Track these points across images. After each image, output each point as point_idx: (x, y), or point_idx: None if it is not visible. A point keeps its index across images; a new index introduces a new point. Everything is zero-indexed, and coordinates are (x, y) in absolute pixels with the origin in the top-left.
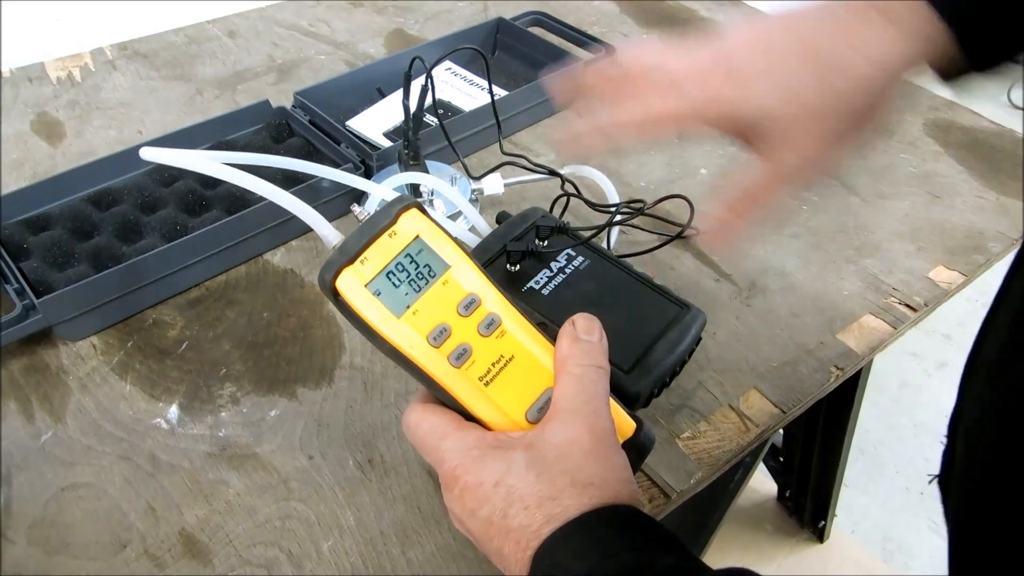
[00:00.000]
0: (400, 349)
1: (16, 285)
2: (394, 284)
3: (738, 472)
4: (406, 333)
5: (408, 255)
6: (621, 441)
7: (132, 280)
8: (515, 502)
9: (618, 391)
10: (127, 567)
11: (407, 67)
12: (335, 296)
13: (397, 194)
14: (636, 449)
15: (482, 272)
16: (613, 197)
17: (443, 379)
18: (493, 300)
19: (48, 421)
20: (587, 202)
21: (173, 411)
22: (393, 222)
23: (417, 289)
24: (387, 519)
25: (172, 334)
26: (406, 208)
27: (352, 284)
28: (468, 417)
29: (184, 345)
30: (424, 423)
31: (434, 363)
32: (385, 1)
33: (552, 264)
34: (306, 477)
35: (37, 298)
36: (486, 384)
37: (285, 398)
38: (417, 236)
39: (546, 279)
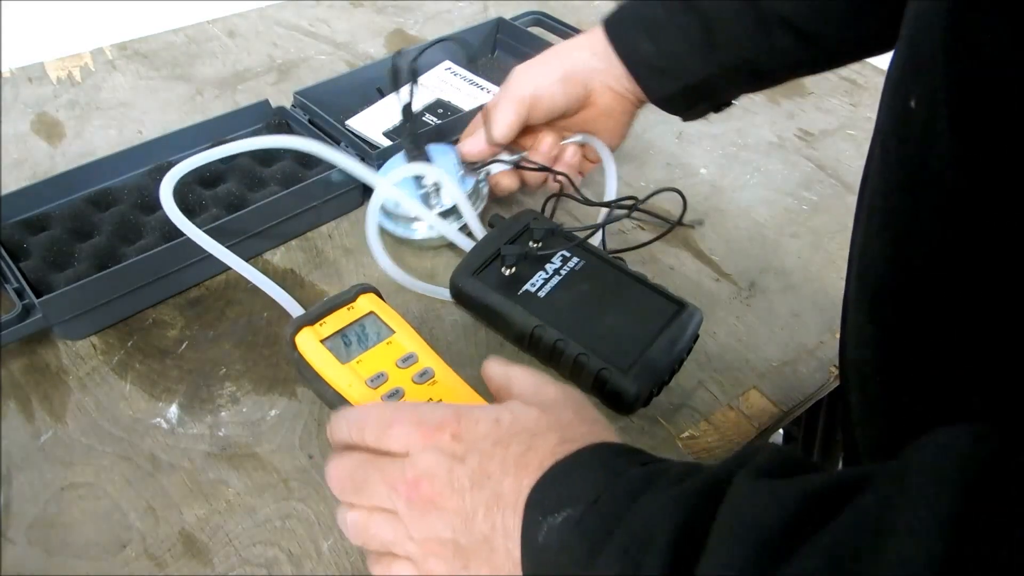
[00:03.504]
0: (339, 389)
1: (16, 285)
2: (344, 342)
3: None
4: (347, 377)
5: (361, 324)
6: None
7: (132, 280)
8: (520, 432)
9: (616, 391)
10: (127, 567)
11: (399, 64)
12: (293, 349)
13: (407, 165)
14: None
15: (424, 341)
16: (613, 179)
17: None
18: (430, 359)
19: (48, 421)
20: (583, 200)
21: (173, 411)
22: (352, 300)
23: (363, 348)
24: None
25: (172, 334)
26: (365, 292)
27: (309, 339)
28: None
29: (184, 345)
30: (389, 403)
31: (368, 401)
32: (385, 1)
33: (547, 266)
34: (306, 477)
35: (37, 298)
36: None
37: (285, 398)
38: (371, 312)
39: (542, 281)
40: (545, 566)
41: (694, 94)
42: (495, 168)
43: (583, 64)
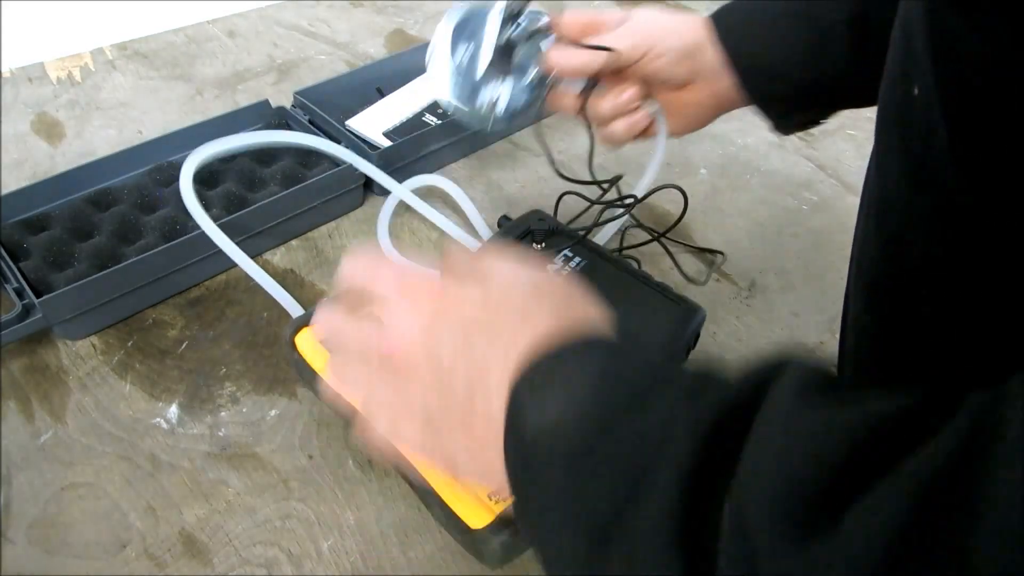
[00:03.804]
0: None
1: (16, 285)
2: None
3: None
4: None
5: None
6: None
7: (132, 280)
8: (510, 313)
9: None
10: (127, 567)
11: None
12: (293, 350)
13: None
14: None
15: None
16: (655, 169)
17: None
18: None
19: (48, 421)
20: (585, 198)
21: (173, 411)
22: None
23: None
24: (387, 519)
25: (172, 334)
26: None
27: (308, 340)
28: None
29: (184, 345)
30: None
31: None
32: (385, 1)
33: (549, 266)
34: (306, 477)
35: (37, 298)
36: None
37: (285, 398)
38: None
39: None
40: (531, 459)
41: (794, 100)
42: (572, 88)
43: (702, 51)
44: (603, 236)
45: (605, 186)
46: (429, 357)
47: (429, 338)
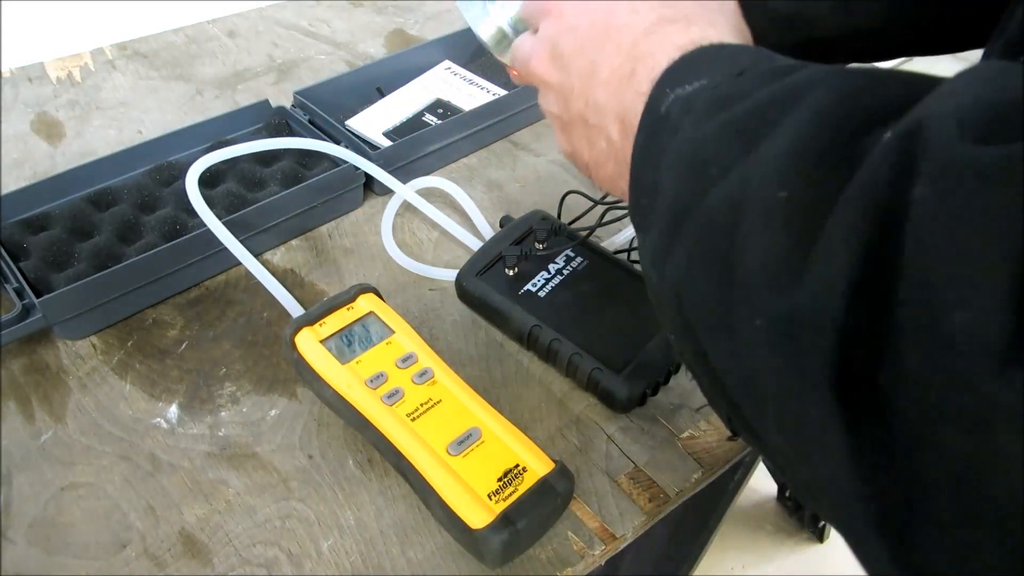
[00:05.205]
0: (338, 390)
1: (16, 285)
2: (344, 343)
3: (738, 472)
4: (346, 377)
5: (361, 324)
6: (535, 479)
7: (132, 280)
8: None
9: (608, 391)
10: (127, 567)
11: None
12: (293, 350)
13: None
14: (550, 492)
15: (423, 341)
16: None
17: (373, 414)
18: (430, 359)
19: (48, 421)
20: (588, 197)
21: (173, 411)
22: (352, 300)
23: (363, 348)
24: (387, 519)
25: (172, 334)
26: (364, 292)
27: (308, 340)
28: (394, 450)
29: (184, 345)
30: None
31: (367, 401)
32: (385, 1)
33: (550, 266)
34: (306, 477)
35: (37, 298)
36: (412, 420)
37: (285, 398)
38: (370, 312)
39: (543, 281)
40: (660, 134)
41: (816, 57)
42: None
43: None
44: (621, 239)
45: None
46: (554, 67)
47: (548, 51)
